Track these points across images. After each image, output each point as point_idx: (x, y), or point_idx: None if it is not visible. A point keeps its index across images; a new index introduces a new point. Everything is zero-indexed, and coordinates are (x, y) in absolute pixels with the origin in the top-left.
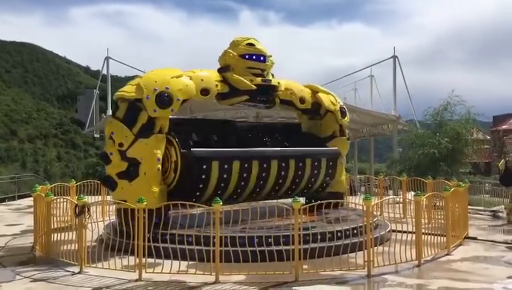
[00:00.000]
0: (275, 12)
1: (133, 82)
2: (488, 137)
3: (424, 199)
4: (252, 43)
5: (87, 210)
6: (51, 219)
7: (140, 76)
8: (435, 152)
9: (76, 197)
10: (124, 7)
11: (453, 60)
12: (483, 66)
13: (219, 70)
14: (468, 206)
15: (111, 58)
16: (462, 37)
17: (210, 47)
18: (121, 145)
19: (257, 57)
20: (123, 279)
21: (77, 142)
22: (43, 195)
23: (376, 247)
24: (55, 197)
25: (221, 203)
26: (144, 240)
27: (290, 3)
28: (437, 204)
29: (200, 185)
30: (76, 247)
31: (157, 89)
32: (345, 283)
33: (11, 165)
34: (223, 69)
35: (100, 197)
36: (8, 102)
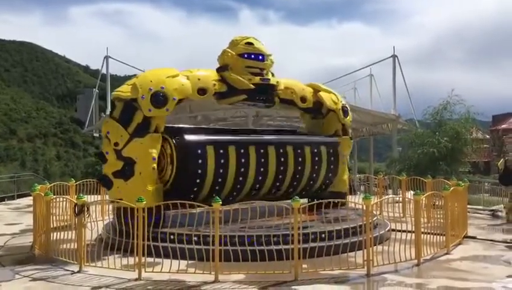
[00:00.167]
0: (274, 11)
1: (129, 82)
2: (488, 136)
3: (424, 198)
4: (250, 42)
5: (86, 209)
6: (50, 218)
7: (138, 75)
8: (435, 151)
9: (76, 197)
10: (123, 6)
11: (452, 59)
12: (483, 66)
13: (218, 69)
14: (468, 206)
15: (110, 57)
16: (461, 37)
17: (209, 46)
18: (116, 144)
19: (256, 56)
20: (122, 278)
21: (76, 142)
22: (43, 194)
23: (375, 246)
24: (55, 197)
25: (221, 203)
26: (144, 239)
27: (289, 3)
28: (436, 203)
29: (198, 177)
30: (76, 246)
31: (152, 89)
32: (344, 282)
33: (11, 165)
34: (221, 69)
35: (99, 197)
36: (7, 101)
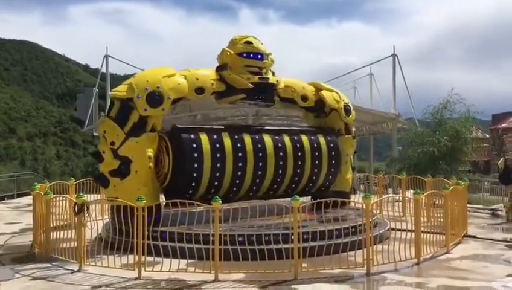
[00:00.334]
0: (274, 10)
1: (126, 82)
2: (488, 135)
3: (424, 198)
4: (249, 41)
5: (86, 208)
6: (50, 217)
7: (135, 75)
8: (434, 150)
9: (76, 196)
10: (123, 5)
11: (452, 58)
12: (483, 65)
13: (217, 68)
14: (468, 205)
15: (110, 56)
16: (461, 36)
17: (209, 46)
18: (112, 143)
19: (254, 55)
20: (122, 277)
21: (76, 141)
22: (42, 193)
23: (375, 245)
24: (54, 196)
25: (221, 202)
26: (143, 238)
27: (289, 2)
28: (436, 202)
29: (195, 167)
30: (76, 245)
31: (148, 88)
32: (344, 281)
33: (10, 164)
34: (220, 68)
35: (99, 196)
36: (7, 100)
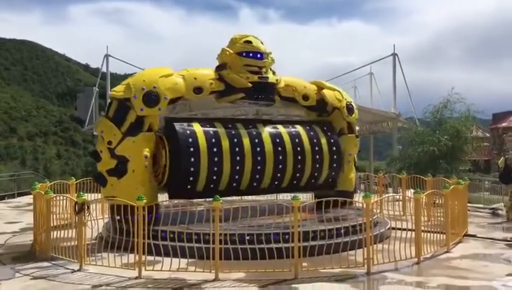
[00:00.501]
0: (274, 9)
1: (124, 82)
2: (488, 135)
3: (424, 197)
4: (249, 40)
5: (86, 208)
6: (51, 216)
7: (133, 75)
8: (435, 150)
9: (76, 195)
10: (123, 5)
11: (452, 57)
12: (483, 64)
13: (217, 68)
14: (468, 204)
15: (110, 56)
16: (461, 35)
17: (210, 45)
18: (109, 143)
19: (254, 55)
20: (123, 277)
21: (77, 140)
22: (43, 193)
23: (376, 245)
24: (55, 195)
25: (221, 201)
26: (144, 237)
27: (289, 1)
28: (436, 202)
29: (192, 157)
30: (76, 244)
31: (144, 88)
32: (344, 281)
33: (11, 163)
34: (220, 67)
35: (100, 195)
36: (7, 100)
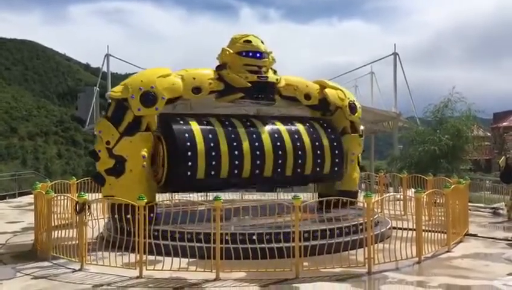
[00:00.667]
0: (275, 9)
1: (123, 82)
2: (489, 134)
3: (425, 196)
4: (249, 40)
5: (87, 207)
6: (52, 216)
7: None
8: (436, 149)
9: (77, 195)
10: (123, 4)
11: (453, 57)
12: (484, 63)
13: (217, 68)
14: (469, 203)
15: (111, 55)
16: (462, 34)
17: (210, 45)
18: (108, 143)
19: (253, 54)
20: (124, 276)
21: (77, 140)
22: (44, 192)
23: (376, 244)
24: (56, 195)
25: (222, 201)
26: (144, 237)
27: (290, 1)
28: (437, 201)
29: (188, 149)
30: (77, 244)
31: (142, 88)
32: (345, 280)
33: (12, 163)
34: (220, 67)
35: (100, 195)
36: (8, 99)
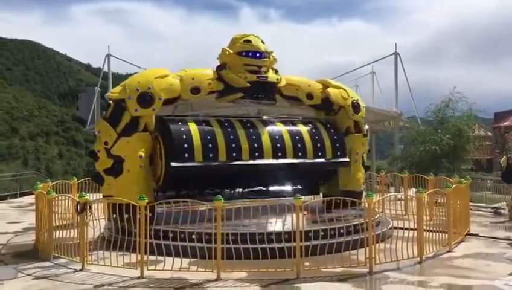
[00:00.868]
0: (275, 9)
1: (122, 83)
2: (490, 134)
3: (426, 196)
4: (249, 40)
5: (88, 208)
6: (53, 216)
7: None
8: (437, 149)
9: (78, 195)
10: (124, 4)
11: (454, 56)
12: (485, 63)
13: (217, 68)
14: (470, 203)
15: (112, 55)
16: (463, 34)
17: (211, 44)
18: (106, 143)
19: (253, 54)
20: (125, 276)
21: (78, 140)
22: (45, 193)
23: (378, 244)
24: (57, 195)
25: (223, 201)
26: (146, 237)
27: (290, 0)
28: (438, 201)
29: (185, 142)
30: (78, 244)
31: (139, 89)
32: (346, 280)
33: (13, 163)
34: (220, 67)
35: (101, 195)
36: (9, 100)
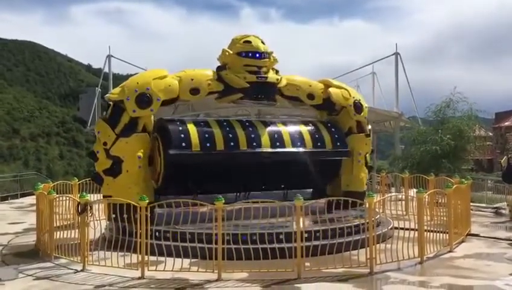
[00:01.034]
0: (276, 9)
1: (122, 84)
2: (491, 134)
3: (426, 196)
4: (248, 40)
5: (89, 208)
6: (54, 217)
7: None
8: (437, 149)
9: (79, 195)
10: (124, 5)
11: (455, 56)
12: (485, 63)
13: (217, 68)
14: (471, 203)
15: (113, 56)
16: (463, 34)
17: (211, 44)
18: (105, 144)
19: (252, 54)
20: (126, 277)
21: (79, 141)
22: (46, 193)
23: (378, 244)
24: (58, 195)
25: (223, 202)
26: (146, 237)
27: (290, 0)
28: (439, 201)
29: (182, 133)
30: (79, 245)
31: (137, 90)
32: (347, 280)
33: (14, 164)
34: (220, 68)
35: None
36: (10, 100)
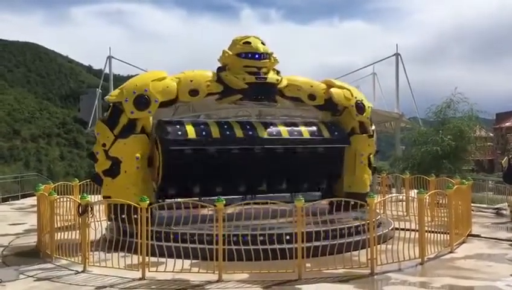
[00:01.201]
0: (276, 10)
1: (121, 86)
2: (491, 134)
3: (427, 197)
4: (248, 41)
5: (90, 209)
6: (54, 218)
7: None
8: (438, 150)
9: (80, 196)
10: (125, 6)
11: (455, 57)
12: (486, 63)
13: (218, 69)
14: (472, 204)
15: (113, 57)
16: (464, 34)
17: (211, 45)
18: (104, 145)
19: (252, 55)
20: (126, 278)
21: (80, 142)
22: (47, 194)
23: (379, 245)
24: (59, 197)
25: (224, 203)
26: (147, 238)
27: (290, 1)
28: (440, 202)
29: (179, 130)
30: (80, 246)
31: (135, 92)
32: (348, 281)
33: (14, 165)
34: (220, 69)
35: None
36: (10, 101)
